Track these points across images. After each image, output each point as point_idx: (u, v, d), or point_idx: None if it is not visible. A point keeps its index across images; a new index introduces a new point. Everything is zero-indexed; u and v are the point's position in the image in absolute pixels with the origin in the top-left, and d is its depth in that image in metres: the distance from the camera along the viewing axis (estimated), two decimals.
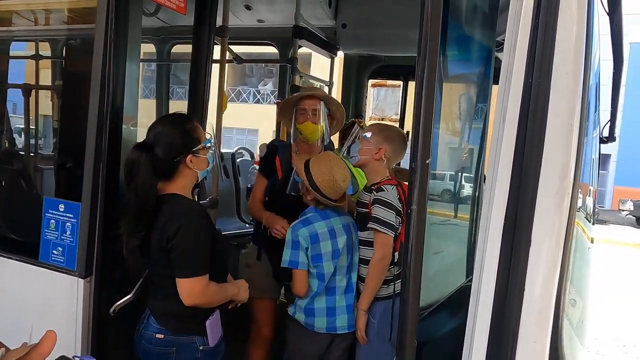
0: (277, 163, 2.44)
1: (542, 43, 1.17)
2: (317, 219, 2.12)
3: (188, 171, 1.74)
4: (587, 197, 1.80)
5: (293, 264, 2.07)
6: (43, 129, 3.12)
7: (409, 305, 1.27)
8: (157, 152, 1.69)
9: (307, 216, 2.14)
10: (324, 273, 2.09)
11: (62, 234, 1.91)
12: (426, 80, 1.19)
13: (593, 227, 2.04)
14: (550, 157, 1.19)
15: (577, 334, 1.76)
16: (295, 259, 2.08)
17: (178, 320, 1.72)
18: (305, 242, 2.07)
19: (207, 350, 1.75)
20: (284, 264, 2.09)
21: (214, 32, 2.57)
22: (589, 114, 1.44)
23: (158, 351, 1.72)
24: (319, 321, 2.11)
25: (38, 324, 1.73)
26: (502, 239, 1.23)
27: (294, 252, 2.08)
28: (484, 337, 1.24)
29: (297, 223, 2.13)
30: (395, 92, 9.45)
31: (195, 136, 1.75)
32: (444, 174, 2.29)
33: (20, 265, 2.02)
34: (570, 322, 1.54)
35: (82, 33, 2.17)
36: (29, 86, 2.95)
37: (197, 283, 1.65)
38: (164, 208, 1.69)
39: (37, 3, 2.45)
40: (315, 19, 3.67)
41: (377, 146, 2.13)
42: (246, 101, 21.10)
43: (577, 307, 1.77)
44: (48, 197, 2.03)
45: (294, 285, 2.11)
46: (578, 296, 1.78)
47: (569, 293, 1.47)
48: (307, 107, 2.33)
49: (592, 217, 2.00)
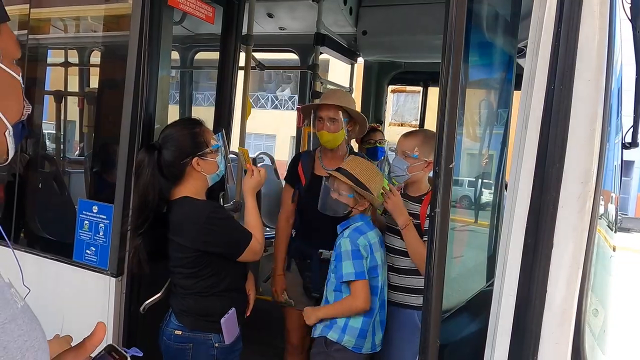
0: (300, 171, 2.43)
1: (564, 49, 1.20)
2: (368, 228, 2.00)
3: (197, 174, 1.77)
4: (610, 205, 1.79)
5: (360, 275, 1.89)
6: (79, 135, 3.22)
7: (432, 306, 1.30)
8: (165, 155, 1.76)
9: (358, 225, 2.00)
10: (379, 286, 1.97)
11: (96, 235, 2.00)
12: (450, 86, 1.22)
13: (615, 234, 2.03)
14: (572, 162, 1.21)
15: (599, 343, 1.75)
16: (360, 269, 1.90)
17: (194, 318, 1.78)
18: (365, 252, 1.93)
19: (223, 347, 1.79)
20: (349, 278, 1.90)
21: (240, 40, 2.64)
22: (611, 120, 1.45)
23: (176, 347, 1.78)
24: (368, 342, 1.96)
25: (71, 319, 1.80)
26: (524, 242, 1.25)
27: (356, 262, 1.91)
28: (506, 338, 1.26)
29: (352, 232, 1.97)
30: (414, 97, 9.42)
31: (202, 139, 1.78)
32: (465, 180, 2.29)
33: (55, 264, 2.11)
34: (592, 331, 1.54)
35: (117, 41, 2.25)
36: (61, 93, 3.07)
37: (253, 245, 1.79)
38: (174, 209, 1.76)
39: (73, 11, 2.56)
40: (336, 26, 3.74)
41: (425, 159, 2.07)
42: (264, 107, 21.27)
43: (599, 317, 1.76)
44: (81, 199, 2.12)
45: (358, 299, 1.90)
46: (600, 305, 1.77)
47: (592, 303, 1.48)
48: (324, 116, 2.28)
49: (615, 224, 1.99)
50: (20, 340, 0.52)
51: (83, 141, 3.12)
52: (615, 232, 2.03)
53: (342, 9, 3.60)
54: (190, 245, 1.73)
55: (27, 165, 2.47)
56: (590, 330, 1.44)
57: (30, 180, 2.49)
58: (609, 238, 1.79)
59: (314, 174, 2.38)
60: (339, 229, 2.06)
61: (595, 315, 1.63)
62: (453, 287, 1.82)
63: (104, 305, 1.93)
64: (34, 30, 2.40)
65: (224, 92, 2.59)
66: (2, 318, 0.50)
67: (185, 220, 1.73)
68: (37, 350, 0.55)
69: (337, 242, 2.01)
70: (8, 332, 0.51)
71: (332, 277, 2.02)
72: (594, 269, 1.47)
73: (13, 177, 2.40)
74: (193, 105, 4.79)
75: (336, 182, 2.00)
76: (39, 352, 0.55)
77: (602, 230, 1.58)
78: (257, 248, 1.80)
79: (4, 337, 0.50)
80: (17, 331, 0.52)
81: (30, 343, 0.53)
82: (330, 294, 2.03)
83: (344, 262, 1.93)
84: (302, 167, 2.43)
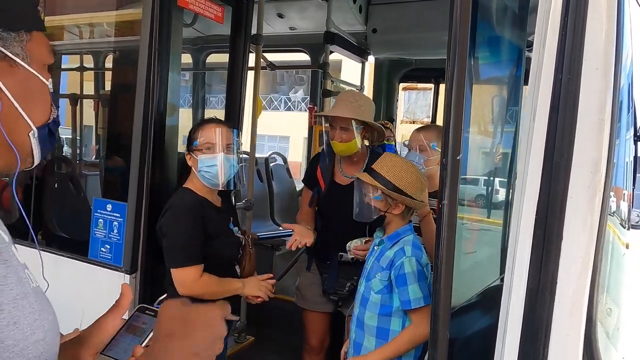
0: (319, 173, 2.34)
1: (571, 39, 1.19)
2: (419, 242, 1.81)
3: (193, 169, 1.85)
4: (622, 202, 1.76)
5: (427, 299, 1.68)
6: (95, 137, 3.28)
7: (441, 298, 1.30)
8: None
9: (410, 238, 1.79)
10: None
11: (110, 232, 2.04)
12: (457, 76, 1.22)
13: (628, 232, 1.99)
14: (581, 152, 1.20)
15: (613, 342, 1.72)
16: (426, 292, 1.70)
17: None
18: (427, 272, 1.73)
19: None
20: (418, 304, 1.68)
21: (249, 40, 2.66)
22: (621, 113, 1.43)
23: None
24: None
25: (89, 315, 1.84)
26: (534, 233, 1.24)
27: (422, 284, 1.70)
28: (517, 329, 1.26)
29: (414, 250, 1.76)
30: (426, 94, 9.38)
31: (194, 137, 1.85)
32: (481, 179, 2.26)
33: (71, 263, 2.15)
34: (607, 331, 1.52)
35: (128, 45, 2.30)
36: (76, 96, 3.14)
37: (187, 273, 1.74)
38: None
39: (85, 18, 2.62)
40: (346, 25, 3.75)
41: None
42: (277, 109, 21.37)
43: (613, 316, 1.73)
44: (96, 198, 2.17)
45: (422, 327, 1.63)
46: (614, 304, 1.74)
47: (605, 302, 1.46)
48: (336, 126, 2.18)
49: (627, 222, 1.96)
50: (31, 318, 0.54)
51: (99, 144, 3.18)
52: (628, 230, 2.00)
53: (352, 7, 3.62)
54: (159, 232, 1.82)
55: (44, 168, 2.53)
56: (604, 331, 1.42)
57: (47, 182, 2.55)
58: (621, 235, 1.76)
59: (334, 181, 2.31)
60: (388, 243, 1.82)
61: (608, 314, 1.60)
62: (463, 280, 1.81)
63: None
64: (49, 37, 2.46)
65: (234, 92, 2.62)
66: (15, 294, 0.52)
67: (167, 210, 1.83)
68: (48, 330, 0.56)
69: (399, 262, 1.74)
70: (20, 307, 0.52)
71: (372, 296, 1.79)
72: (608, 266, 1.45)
73: (30, 179, 2.46)
74: (207, 108, 4.85)
75: (363, 184, 1.83)
76: (49, 332, 0.57)
77: (615, 228, 1.55)
78: (189, 278, 1.74)
79: (16, 312, 0.52)
80: (29, 308, 0.54)
81: (40, 322, 0.55)
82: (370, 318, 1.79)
83: (411, 286, 1.70)
84: (320, 171, 2.34)
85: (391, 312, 1.77)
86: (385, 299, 1.77)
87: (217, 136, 1.83)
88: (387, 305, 1.77)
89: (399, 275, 1.73)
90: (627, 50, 1.39)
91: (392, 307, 1.77)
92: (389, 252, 1.80)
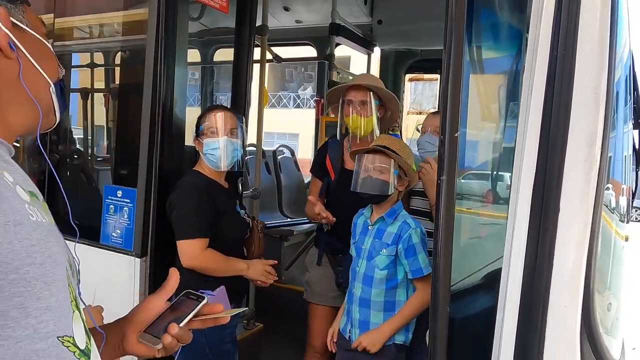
0: (328, 163, 2.27)
1: (566, 13, 1.21)
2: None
3: (200, 153, 1.93)
4: (620, 196, 1.74)
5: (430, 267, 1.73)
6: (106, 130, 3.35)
7: (441, 272, 1.32)
8: None
9: (405, 212, 1.90)
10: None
11: (120, 218, 2.09)
12: (453, 53, 1.24)
13: (627, 225, 1.97)
14: (577, 125, 1.22)
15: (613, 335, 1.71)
16: (429, 260, 1.79)
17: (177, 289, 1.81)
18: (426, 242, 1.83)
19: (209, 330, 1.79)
20: (427, 271, 1.76)
21: (254, 31, 2.70)
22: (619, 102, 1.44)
23: None
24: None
25: (101, 297, 1.89)
26: (531, 207, 1.26)
27: (426, 253, 1.81)
28: (516, 301, 1.28)
29: (415, 221, 1.88)
30: (432, 85, 9.35)
31: (200, 122, 1.93)
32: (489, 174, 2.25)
33: (84, 248, 2.21)
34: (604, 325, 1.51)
35: (136, 43, 2.35)
36: (88, 90, 3.20)
37: (192, 244, 1.79)
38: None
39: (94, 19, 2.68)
40: (352, 17, 3.77)
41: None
42: (286, 106, 21.42)
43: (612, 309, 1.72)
44: (107, 185, 2.22)
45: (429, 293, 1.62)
46: (613, 297, 1.74)
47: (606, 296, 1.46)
48: (354, 99, 2.09)
49: (627, 215, 1.94)
50: (27, 243, 0.56)
51: (109, 136, 3.24)
52: (627, 223, 1.99)
53: None
54: (168, 208, 1.88)
55: (57, 163, 2.61)
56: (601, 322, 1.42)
57: (60, 172, 2.61)
58: (619, 229, 1.75)
59: (344, 168, 2.22)
60: (388, 218, 1.87)
61: (608, 309, 1.61)
62: (465, 257, 1.82)
63: (130, 283, 2.03)
64: (59, 37, 2.53)
65: (239, 83, 2.66)
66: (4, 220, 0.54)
67: (175, 188, 1.90)
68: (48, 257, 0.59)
69: (406, 235, 1.81)
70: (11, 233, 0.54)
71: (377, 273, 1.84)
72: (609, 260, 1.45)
73: (43, 175, 2.52)
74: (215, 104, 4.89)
75: (377, 159, 1.83)
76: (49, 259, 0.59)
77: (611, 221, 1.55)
78: (192, 249, 1.78)
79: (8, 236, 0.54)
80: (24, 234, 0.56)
81: (39, 247, 0.58)
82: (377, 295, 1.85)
83: (420, 255, 1.79)
84: (330, 159, 2.27)
85: (397, 285, 1.86)
86: (391, 274, 1.85)
87: (220, 121, 1.88)
88: (393, 279, 1.86)
89: (409, 247, 1.81)
90: (623, 24, 1.40)
91: (398, 279, 1.86)
92: (391, 228, 1.86)
